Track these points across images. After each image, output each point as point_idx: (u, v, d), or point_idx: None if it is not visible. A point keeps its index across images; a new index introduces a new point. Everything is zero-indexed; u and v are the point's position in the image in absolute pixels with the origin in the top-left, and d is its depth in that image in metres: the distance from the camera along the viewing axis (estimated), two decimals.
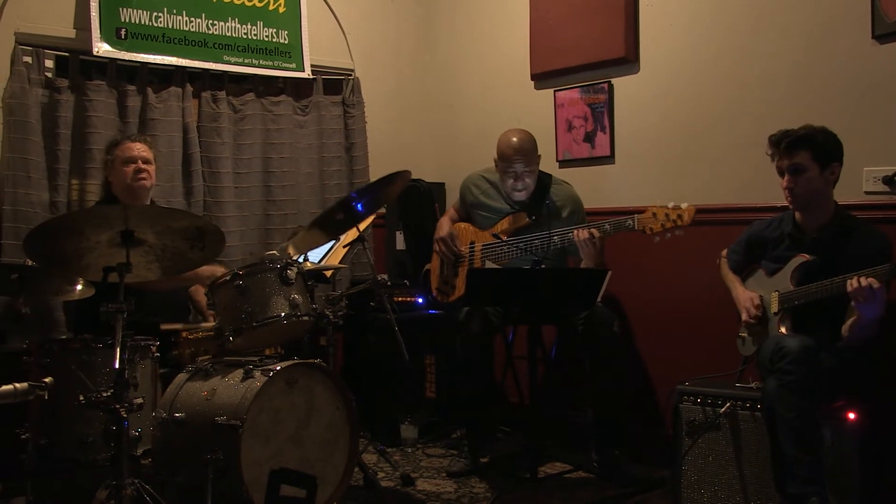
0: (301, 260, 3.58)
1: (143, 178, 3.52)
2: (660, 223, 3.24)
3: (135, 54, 3.98)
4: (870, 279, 2.65)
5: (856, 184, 3.19)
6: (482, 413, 3.75)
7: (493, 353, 3.72)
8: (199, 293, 3.62)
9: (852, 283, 2.67)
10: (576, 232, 3.39)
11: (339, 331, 3.96)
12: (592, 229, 3.37)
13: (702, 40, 3.72)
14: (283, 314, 3.07)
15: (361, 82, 4.72)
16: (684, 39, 3.78)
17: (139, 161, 3.52)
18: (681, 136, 3.81)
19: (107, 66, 3.97)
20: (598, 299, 3.23)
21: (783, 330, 2.91)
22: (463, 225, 3.92)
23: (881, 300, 2.68)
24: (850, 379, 2.85)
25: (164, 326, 3.30)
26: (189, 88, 4.17)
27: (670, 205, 3.23)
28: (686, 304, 3.73)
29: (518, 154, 3.64)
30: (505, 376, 3.98)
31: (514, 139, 3.66)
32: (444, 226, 3.92)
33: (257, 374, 2.86)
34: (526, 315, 3.61)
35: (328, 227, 3.41)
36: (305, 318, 3.14)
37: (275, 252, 3.28)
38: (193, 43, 4.14)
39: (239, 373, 2.89)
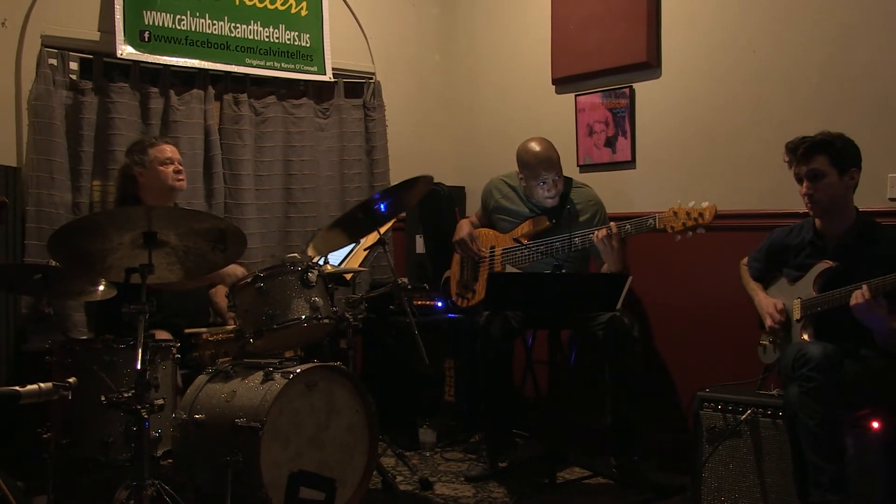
0: (321, 263, 3.59)
1: (182, 179, 3.55)
2: (681, 221, 3.24)
3: (158, 56, 4.01)
4: (865, 294, 2.67)
5: (880, 190, 3.17)
6: (501, 418, 3.74)
7: (512, 357, 3.71)
8: (220, 295, 3.63)
9: (851, 301, 2.70)
10: (595, 233, 3.38)
11: (359, 334, 3.94)
12: (611, 223, 3.35)
13: (724, 45, 3.70)
14: (303, 317, 3.08)
15: (382, 86, 4.74)
16: (706, 44, 3.77)
17: (176, 162, 3.54)
18: (702, 141, 3.79)
19: (130, 69, 4.00)
20: (619, 304, 3.22)
21: (806, 337, 2.89)
22: (483, 230, 3.92)
23: (877, 314, 2.69)
24: (874, 387, 2.82)
25: (188, 330, 3.31)
26: (211, 91, 4.19)
27: (691, 204, 3.22)
28: (707, 310, 3.70)
29: (546, 163, 3.66)
30: (524, 381, 3.98)
31: (538, 149, 3.67)
32: (463, 227, 3.93)
33: (277, 376, 2.86)
34: (546, 319, 3.61)
35: (349, 228, 3.42)
36: (326, 320, 3.14)
37: (296, 255, 3.27)
38: (216, 46, 4.17)
39: (259, 375, 2.91)
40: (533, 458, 3.77)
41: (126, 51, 3.92)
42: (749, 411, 2.98)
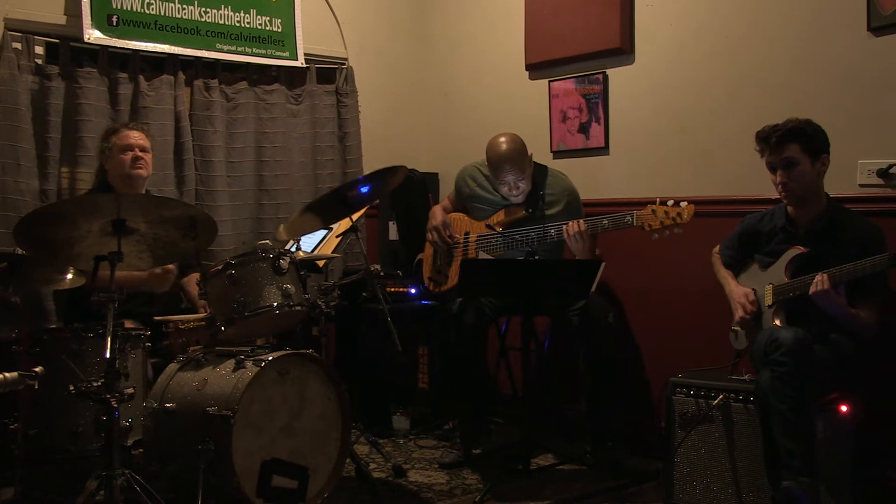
0: (294, 249, 3.58)
1: (141, 167, 3.52)
2: (659, 220, 3.25)
3: (126, 41, 3.95)
4: (824, 283, 2.72)
5: (850, 176, 3.19)
6: (475, 404, 3.75)
7: (486, 344, 3.71)
8: (192, 283, 3.60)
9: (811, 289, 2.76)
10: (566, 227, 3.38)
11: (332, 321, 3.92)
12: (580, 221, 3.35)
13: (697, 32, 3.71)
14: (275, 304, 3.06)
15: (355, 71, 4.71)
16: (680, 30, 3.77)
17: (136, 149, 3.51)
18: (675, 127, 3.81)
19: (98, 54, 3.94)
20: (593, 290, 3.23)
21: (777, 322, 2.92)
22: (458, 215, 3.91)
23: (834, 301, 2.74)
24: (844, 371, 2.86)
25: (158, 318, 3.29)
26: (181, 76, 4.14)
27: (670, 203, 3.22)
28: (680, 296, 3.73)
29: (507, 164, 3.61)
30: (498, 367, 3.98)
31: (503, 148, 3.63)
32: (437, 214, 3.91)
33: (249, 364, 2.85)
34: (520, 306, 3.60)
35: (322, 214, 3.40)
36: (298, 308, 3.13)
37: (267, 241, 3.25)
38: (186, 31, 4.12)
39: (231, 363, 2.89)
40: (507, 445, 3.78)
41: (94, 35, 3.85)
42: (721, 396, 3.00)
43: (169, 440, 2.85)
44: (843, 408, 2.81)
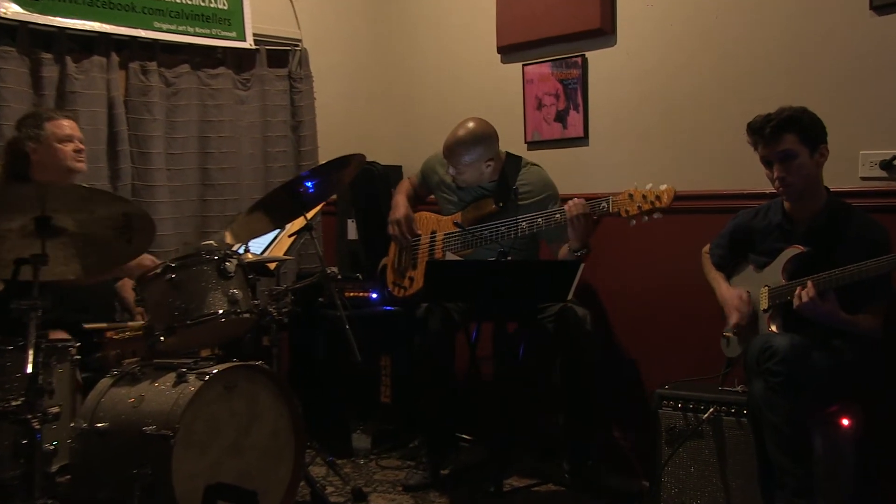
0: (241, 251, 3.56)
1: (83, 161, 3.45)
2: (636, 205, 3.25)
3: (50, 18, 3.86)
4: (809, 292, 2.73)
5: (851, 169, 3.20)
6: (442, 420, 3.74)
7: (454, 353, 3.71)
8: (127, 288, 3.55)
9: (794, 301, 2.77)
10: (567, 205, 3.37)
11: (284, 329, 3.92)
12: (583, 202, 3.36)
13: (683, 11, 3.71)
14: (220, 311, 3.05)
15: (310, 54, 4.69)
16: (665, 9, 3.77)
17: (76, 140, 3.42)
18: (661, 115, 3.80)
19: (17, 31, 3.84)
20: (571, 294, 3.22)
21: (773, 328, 2.92)
22: (424, 214, 3.91)
23: (823, 310, 2.75)
24: (844, 381, 2.86)
25: (89, 326, 3.24)
26: (115, 58, 4.08)
27: (648, 186, 3.22)
28: (667, 299, 3.73)
29: (450, 152, 3.68)
30: (468, 379, 3.97)
31: (459, 133, 3.68)
32: (400, 205, 3.92)
33: (192, 377, 2.84)
34: (491, 311, 3.59)
35: (272, 213, 3.39)
36: (246, 315, 3.12)
37: (212, 242, 3.25)
38: (119, 7, 4.04)
39: (171, 377, 2.87)
40: (478, 465, 3.78)
41: (11, 9, 3.75)
42: (711, 409, 3.01)
43: (100, 465, 2.80)
44: (845, 421, 2.82)
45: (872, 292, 2.82)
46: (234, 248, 3.57)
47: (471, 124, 3.70)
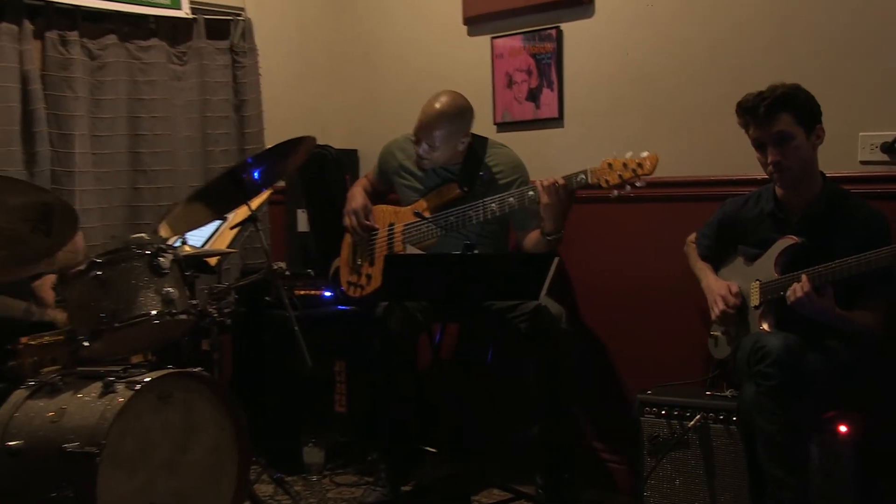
0: (178, 244, 3.58)
1: None
2: (617, 174, 3.28)
3: None
4: (804, 286, 2.74)
5: (850, 152, 3.22)
6: (403, 431, 3.73)
7: (416, 356, 3.71)
8: (46, 287, 3.50)
9: (788, 296, 2.78)
10: (539, 181, 3.38)
11: (227, 332, 3.89)
12: (558, 177, 3.37)
13: None
14: (153, 312, 3.04)
15: (254, 25, 4.68)
16: None
17: None
18: (643, 94, 3.80)
19: None
20: (544, 290, 3.21)
21: (765, 326, 2.93)
22: (380, 206, 3.90)
23: (819, 306, 2.76)
24: (842, 384, 2.88)
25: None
26: (28, 27, 4.03)
27: (628, 154, 3.25)
28: (650, 295, 3.74)
29: (426, 126, 3.66)
30: (432, 385, 3.96)
31: (436, 106, 3.68)
32: (356, 196, 3.91)
33: (120, 387, 2.81)
34: (456, 310, 3.60)
35: (213, 202, 3.38)
36: (183, 316, 3.11)
37: (144, 235, 3.22)
38: None
39: (97, 386, 2.84)
40: (443, 480, 3.78)
41: None
42: (698, 416, 3.04)
43: (14, 488, 2.75)
44: (843, 428, 2.83)
45: (871, 287, 2.84)
46: (170, 242, 3.50)
47: (446, 97, 3.70)
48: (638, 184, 3.25)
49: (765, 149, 2.93)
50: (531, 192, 3.42)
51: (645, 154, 3.24)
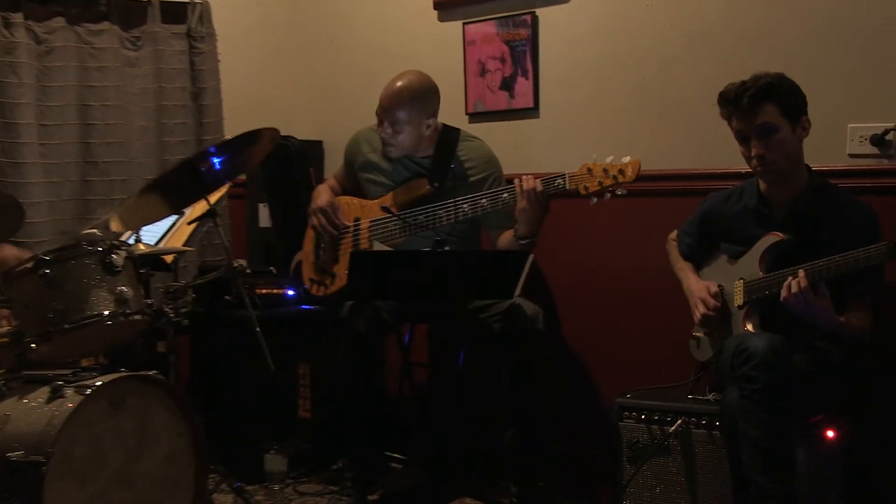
0: (132, 241, 3.53)
1: None
2: (597, 181, 3.24)
3: None
4: (801, 282, 2.73)
5: (838, 145, 3.24)
6: (370, 437, 3.71)
7: (383, 359, 3.73)
8: None
9: (782, 293, 2.77)
10: (518, 179, 3.36)
11: (184, 333, 3.92)
12: (536, 179, 3.34)
13: None
14: (106, 312, 3.02)
15: (213, 9, 4.66)
16: None
17: None
18: (622, 83, 3.81)
19: None
20: (519, 289, 3.21)
21: (749, 327, 2.93)
22: (346, 199, 3.88)
23: (817, 307, 2.75)
24: (830, 387, 2.89)
25: None
26: None
27: (608, 159, 3.23)
28: (630, 294, 3.75)
29: (390, 100, 3.65)
30: (401, 388, 3.96)
31: (400, 82, 3.68)
32: (322, 194, 3.88)
33: (70, 392, 2.80)
34: (426, 310, 3.60)
35: (169, 196, 3.37)
36: (137, 316, 3.10)
37: (95, 230, 3.20)
38: None
39: (44, 391, 2.83)
40: (412, 488, 3.80)
41: None
42: (679, 421, 3.04)
43: None
44: (831, 433, 2.85)
45: (860, 284, 2.85)
46: (123, 238, 3.53)
47: (409, 75, 3.69)
48: (619, 192, 3.22)
49: (748, 141, 2.94)
50: (505, 195, 3.41)
51: (627, 160, 3.21)
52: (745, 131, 2.93)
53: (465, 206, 3.48)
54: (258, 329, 3.13)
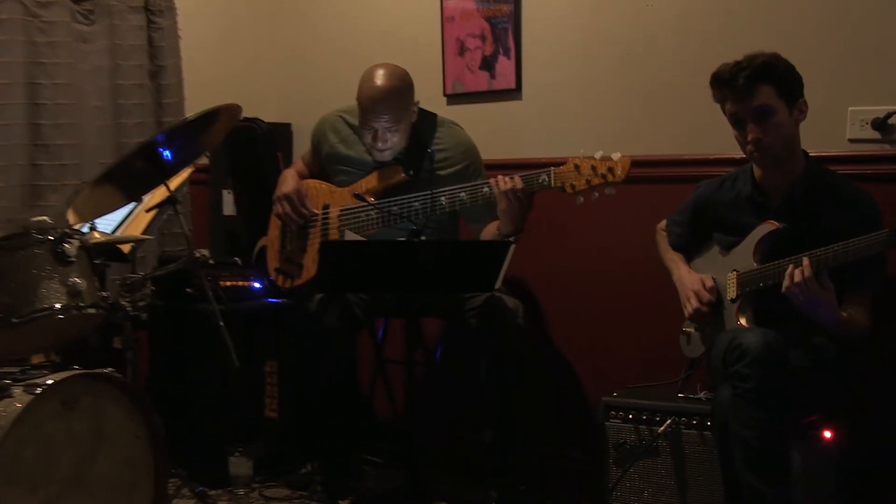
0: (86, 229, 3.52)
1: None
2: (584, 179, 3.23)
3: None
4: (805, 271, 2.71)
5: (837, 129, 3.25)
6: (342, 439, 3.73)
7: (356, 355, 3.71)
8: None
9: (784, 283, 2.75)
10: (495, 180, 3.36)
11: (142, 328, 3.88)
12: (516, 177, 3.33)
13: None
14: (57, 305, 3.01)
15: None
16: None
17: None
18: (609, 63, 3.82)
19: None
20: (499, 282, 3.21)
21: (743, 322, 2.94)
22: (314, 183, 3.86)
23: (822, 299, 2.74)
24: (827, 386, 2.90)
25: None
26: None
27: (597, 155, 3.21)
28: (616, 286, 3.76)
29: (379, 106, 3.57)
30: (374, 387, 3.97)
31: (379, 83, 3.59)
32: (288, 180, 3.86)
33: (17, 391, 2.79)
34: (401, 304, 3.59)
35: (126, 182, 3.35)
36: (91, 310, 3.09)
37: (46, 218, 3.17)
38: None
39: None
40: (386, 492, 3.79)
41: None
42: (669, 421, 3.05)
43: None
44: (827, 433, 2.87)
45: (860, 276, 2.86)
46: (77, 227, 3.47)
47: (386, 73, 3.61)
48: (607, 191, 3.21)
49: (743, 125, 2.94)
50: (486, 189, 3.39)
51: (617, 157, 3.18)
52: (740, 114, 2.93)
53: (442, 199, 3.47)
54: (222, 324, 3.12)
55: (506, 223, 3.36)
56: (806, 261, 2.73)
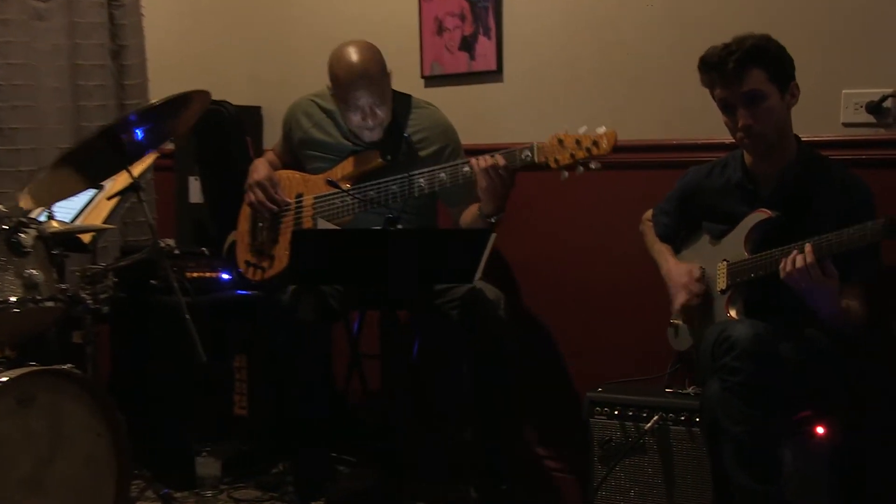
0: (43, 218, 3.51)
1: None
2: (568, 153, 3.24)
3: None
4: (807, 257, 2.71)
5: (831, 113, 3.25)
6: (315, 437, 3.71)
7: (330, 349, 3.72)
8: None
9: (783, 268, 2.74)
10: (475, 160, 3.36)
11: (104, 322, 3.90)
12: (497, 154, 3.33)
13: None
14: (13, 298, 3.03)
15: None
16: None
17: None
18: (595, 44, 3.82)
19: None
20: (480, 272, 3.21)
21: (733, 314, 2.95)
22: (286, 172, 3.86)
23: (823, 286, 2.73)
24: (820, 380, 2.91)
25: None
26: None
27: (581, 129, 3.22)
28: (601, 277, 3.77)
29: (363, 80, 3.57)
30: (349, 382, 3.98)
31: (355, 59, 3.59)
32: (260, 167, 3.86)
33: None
34: (377, 296, 3.59)
35: (86, 168, 3.35)
36: (49, 303, 3.12)
37: (0, 206, 3.19)
38: None
39: None
40: (362, 492, 3.78)
41: None
42: (656, 417, 3.06)
43: None
44: (819, 429, 2.87)
45: (856, 266, 2.85)
46: (33, 215, 3.50)
47: (359, 49, 3.62)
48: (592, 165, 3.22)
49: (733, 111, 2.93)
50: (466, 168, 3.39)
51: (602, 130, 3.20)
52: (729, 99, 2.93)
53: (421, 180, 3.46)
54: (188, 317, 3.11)
55: (487, 202, 3.37)
56: (808, 247, 2.71)
